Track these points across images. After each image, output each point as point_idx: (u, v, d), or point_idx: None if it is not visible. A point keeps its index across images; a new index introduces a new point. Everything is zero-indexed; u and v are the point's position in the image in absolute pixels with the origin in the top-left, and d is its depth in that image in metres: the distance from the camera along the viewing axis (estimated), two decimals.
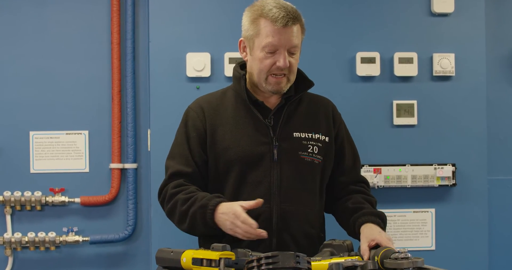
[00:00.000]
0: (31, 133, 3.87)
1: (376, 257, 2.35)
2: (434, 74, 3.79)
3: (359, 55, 3.75)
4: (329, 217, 2.92)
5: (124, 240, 3.91)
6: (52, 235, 3.82)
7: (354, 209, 2.76)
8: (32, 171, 3.87)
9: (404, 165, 3.75)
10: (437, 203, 3.81)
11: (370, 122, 3.77)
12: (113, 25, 3.87)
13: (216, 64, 3.70)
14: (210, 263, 2.22)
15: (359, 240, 2.61)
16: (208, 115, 2.76)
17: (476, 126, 3.81)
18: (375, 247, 2.46)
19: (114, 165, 3.87)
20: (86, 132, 3.90)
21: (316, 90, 2.88)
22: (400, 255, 2.28)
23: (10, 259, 3.85)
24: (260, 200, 2.55)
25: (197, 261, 2.25)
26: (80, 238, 3.84)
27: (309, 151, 2.76)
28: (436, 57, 3.78)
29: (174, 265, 2.34)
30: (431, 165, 3.76)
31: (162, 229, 3.64)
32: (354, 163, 2.92)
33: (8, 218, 3.84)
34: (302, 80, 2.82)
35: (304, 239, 2.72)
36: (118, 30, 3.87)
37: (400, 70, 3.76)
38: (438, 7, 3.77)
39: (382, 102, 3.78)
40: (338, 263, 2.20)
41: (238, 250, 2.28)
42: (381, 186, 3.73)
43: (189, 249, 2.33)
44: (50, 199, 3.82)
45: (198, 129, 2.76)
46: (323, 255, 2.44)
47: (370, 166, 3.73)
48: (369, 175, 3.70)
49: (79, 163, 3.89)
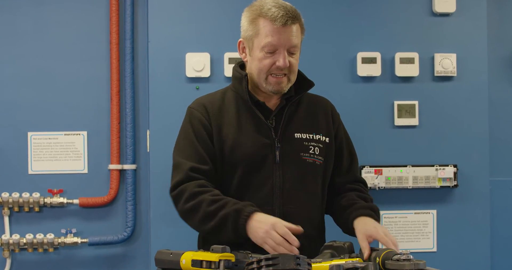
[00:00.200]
0: (30, 133, 3.86)
1: (377, 258, 2.34)
2: (436, 74, 3.78)
3: (360, 55, 3.74)
4: (329, 218, 2.90)
5: (123, 242, 3.90)
6: (50, 236, 3.81)
7: (347, 206, 2.74)
8: (30, 172, 3.87)
9: (405, 166, 3.75)
10: (438, 205, 3.81)
11: (371, 122, 3.76)
12: (112, 25, 3.87)
13: (215, 64, 3.70)
14: (209, 265, 2.21)
15: (355, 236, 2.60)
16: (212, 115, 2.72)
17: (478, 127, 3.81)
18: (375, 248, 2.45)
19: (113, 166, 3.87)
20: (85, 133, 3.90)
21: (316, 90, 2.86)
22: (402, 256, 2.26)
23: (8, 261, 3.84)
24: (300, 229, 2.50)
25: (196, 263, 2.23)
26: (78, 239, 3.83)
27: (310, 152, 2.75)
28: (437, 57, 3.78)
29: (173, 267, 2.32)
30: (433, 166, 3.76)
31: (161, 231, 3.64)
32: (351, 163, 2.90)
33: (6, 219, 3.83)
34: (302, 80, 2.80)
35: (305, 240, 2.69)
36: (117, 30, 3.87)
37: (401, 70, 3.76)
38: (439, 7, 3.76)
39: (383, 102, 3.78)
40: (338, 265, 2.19)
41: (238, 252, 2.27)
42: (382, 187, 3.73)
43: (188, 251, 2.32)
44: (48, 200, 3.81)
45: (206, 128, 2.71)
46: (324, 257, 2.43)
47: (371, 167, 3.72)
48: (370, 176, 3.69)
49: (78, 164, 3.89)
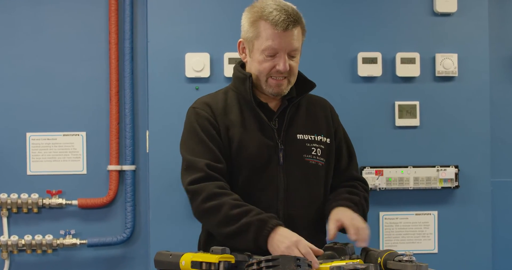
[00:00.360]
0: (28, 134, 3.86)
1: (379, 259, 2.34)
2: (437, 74, 3.78)
3: (361, 55, 3.73)
4: None
5: (122, 243, 3.89)
6: (49, 238, 3.80)
7: (330, 199, 2.73)
8: (29, 173, 3.86)
9: (406, 167, 3.74)
10: (439, 206, 3.80)
11: (371, 123, 3.76)
12: (111, 25, 3.86)
13: (215, 64, 3.69)
14: (209, 266, 2.20)
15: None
16: (218, 115, 2.68)
17: (479, 127, 3.80)
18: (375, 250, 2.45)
19: (112, 167, 3.86)
20: (84, 134, 3.89)
21: (317, 91, 2.85)
22: (404, 257, 2.26)
23: (7, 263, 3.83)
24: (321, 251, 2.44)
25: (196, 264, 2.23)
26: (77, 241, 3.83)
27: (312, 153, 2.73)
28: (438, 57, 3.77)
29: (173, 268, 2.32)
30: (434, 167, 3.75)
31: (161, 232, 3.63)
32: (349, 163, 2.87)
33: (4, 220, 3.83)
34: (303, 81, 2.78)
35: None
36: (116, 30, 3.87)
37: (402, 70, 3.75)
38: (440, 7, 3.76)
39: (384, 103, 3.77)
40: (339, 266, 2.19)
41: (238, 253, 2.26)
42: (383, 188, 3.72)
43: (188, 252, 2.31)
44: (47, 201, 3.81)
45: (214, 127, 2.66)
46: (324, 258, 2.41)
47: (371, 168, 3.72)
48: (370, 177, 3.69)
49: (77, 165, 3.88)
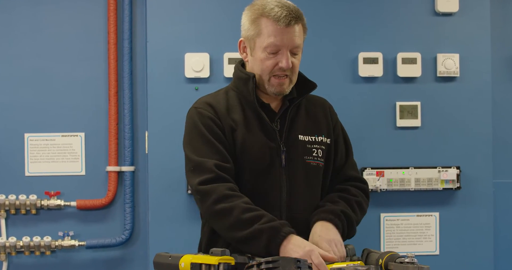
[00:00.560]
0: (26, 135, 3.85)
1: (380, 260, 2.35)
2: (438, 74, 3.77)
3: (362, 56, 3.73)
4: None
5: (121, 245, 3.88)
6: (47, 239, 3.79)
7: (316, 210, 2.68)
8: (27, 174, 3.85)
9: (407, 168, 3.73)
10: (441, 207, 3.79)
11: (372, 123, 3.75)
12: (110, 24, 3.86)
13: (215, 64, 3.68)
14: (209, 268, 2.21)
15: None
16: (221, 115, 2.66)
17: (481, 128, 3.79)
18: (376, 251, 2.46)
19: (111, 168, 3.85)
20: (82, 134, 3.88)
21: (317, 91, 2.84)
22: (406, 259, 2.27)
23: (5, 264, 3.82)
24: (334, 257, 2.42)
25: (195, 266, 2.23)
26: (76, 242, 3.82)
27: (313, 155, 2.72)
28: (440, 57, 3.76)
29: None
30: (435, 168, 3.74)
31: (160, 233, 3.62)
32: (345, 161, 2.84)
33: (2, 222, 3.82)
34: (303, 81, 2.77)
35: None
36: (115, 30, 3.86)
37: (403, 70, 3.74)
38: (442, 7, 3.75)
39: (385, 103, 3.76)
40: (340, 268, 2.18)
41: (238, 255, 2.27)
42: (383, 189, 3.71)
43: (187, 254, 2.31)
44: (45, 202, 3.80)
45: (219, 126, 2.64)
46: (325, 261, 2.39)
47: (372, 169, 3.71)
48: (371, 178, 3.68)
49: (75, 166, 3.87)
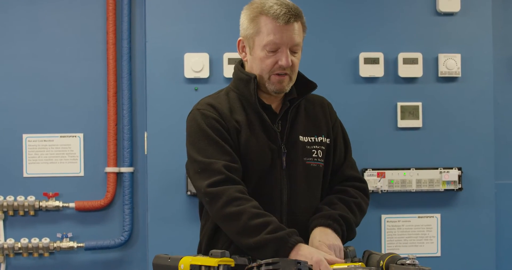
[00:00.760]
0: (24, 136, 3.84)
1: (381, 262, 2.34)
2: (440, 75, 3.76)
3: (362, 56, 3.72)
4: None
5: (120, 246, 3.87)
6: (46, 241, 3.78)
7: (315, 213, 2.66)
8: (25, 175, 3.85)
9: (408, 169, 3.72)
10: (442, 208, 3.78)
11: (373, 124, 3.74)
12: (108, 24, 3.85)
13: (215, 64, 3.67)
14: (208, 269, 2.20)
15: None
16: (224, 117, 2.63)
17: (483, 129, 3.79)
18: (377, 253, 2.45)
19: (109, 169, 3.85)
20: (81, 135, 3.87)
21: (318, 91, 2.84)
22: (407, 261, 2.26)
23: (3, 266, 3.82)
24: (342, 261, 2.41)
25: (195, 268, 2.22)
26: (74, 244, 3.81)
27: (313, 156, 2.70)
28: (441, 57, 3.76)
29: None
30: (437, 169, 3.73)
31: (159, 235, 3.62)
32: (344, 160, 2.82)
33: (0, 223, 3.81)
34: (303, 81, 2.75)
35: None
36: (114, 29, 3.86)
37: (404, 71, 3.74)
38: (443, 6, 3.75)
39: (386, 104, 3.76)
40: (341, 269, 2.16)
41: (238, 256, 2.25)
42: (385, 190, 3.71)
43: (187, 256, 2.31)
44: (43, 204, 3.79)
45: (224, 127, 2.61)
46: None
47: (373, 170, 3.70)
48: (372, 179, 3.67)
49: (74, 167, 3.86)
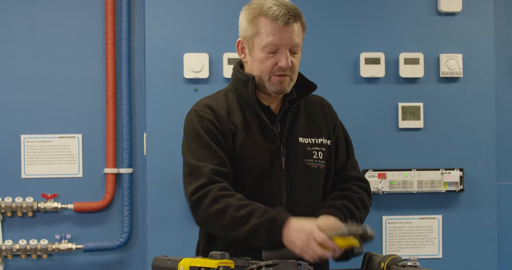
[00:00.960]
0: (23, 136, 3.84)
1: (382, 264, 2.33)
2: (441, 75, 3.77)
3: (363, 56, 3.72)
4: None
5: (119, 248, 3.86)
6: (44, 242, 3.78)
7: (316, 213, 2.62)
8: (23, 176, 3.84)
9: (409, 170, 3.73)
10: (444, 210, 3.78)
11: (374, 125, 3.74)
12: (107, 24, 3.85)
13: (214, 65, 3.67)
14: None
15: None
16: (221, 118, 2.61)
17: (484, 129, 3.79)
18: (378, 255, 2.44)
19: (108, 170, 3.84)
20: (80, 136, 3.87)
21: (318, 92, 2.80)
22: (408, 262, 2.26)
23: (1, 268, 3.81)
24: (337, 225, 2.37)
25: None
26: (73, 245, 3.80)
27: (314, 157, 2.67)
28: (443, 57, 3.76)
29: None
30: (438, 170, 3.73)
31: (159, 236, 3.62)
32: (346, 162, 2.79)
33: None
34: (302, 82, 2.72)
35: None
36: (113, 29, 3.85)
37: (405, 71, 3.74)
38: (445, 6, 3.75)
39: (387, 104, 3.76)
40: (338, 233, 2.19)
41: (238, 258, 2.24)
42: (386, 191, 3.70)
43: (186, 257, 2.29)
44: (42, 205, 3.78)
45: (219, 130, 2.59)
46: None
47: (374, 171, 3.70)
48: (373, 180, 3.67)
49: (72, 167, 3.86)
